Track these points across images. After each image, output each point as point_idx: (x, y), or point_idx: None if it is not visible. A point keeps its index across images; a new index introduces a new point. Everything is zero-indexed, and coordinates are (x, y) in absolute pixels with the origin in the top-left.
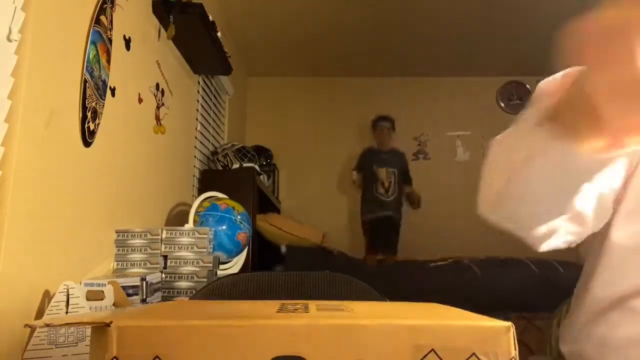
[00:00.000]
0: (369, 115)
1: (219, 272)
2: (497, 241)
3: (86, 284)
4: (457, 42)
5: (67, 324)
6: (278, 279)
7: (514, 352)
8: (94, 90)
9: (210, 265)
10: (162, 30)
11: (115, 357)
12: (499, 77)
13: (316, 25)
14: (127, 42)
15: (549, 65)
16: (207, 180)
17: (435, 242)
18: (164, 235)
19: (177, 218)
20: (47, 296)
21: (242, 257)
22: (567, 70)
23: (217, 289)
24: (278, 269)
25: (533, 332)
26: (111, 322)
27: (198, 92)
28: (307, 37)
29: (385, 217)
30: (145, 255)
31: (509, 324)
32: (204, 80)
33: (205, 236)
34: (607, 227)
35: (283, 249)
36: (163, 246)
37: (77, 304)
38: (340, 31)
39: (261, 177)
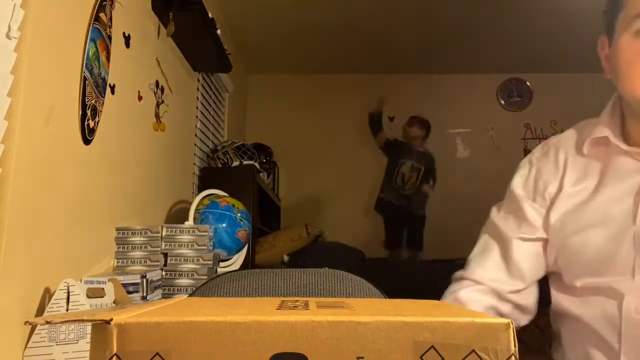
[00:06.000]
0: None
1: (219, 270)
2: None
3: (86, 282)
4: (457, 40)
5: (67, 321)
6: (277, 276)
7: (514, 348)
8: (94, 88)
9: (211, 262)
10: (162, 27)
11: (115, 354)
12: (499, 74)
13: (316, 22)
14: (127, 40)
15: (548, 63)
16: (207, 177)
17: (436, 241)
18: (164, 233)
19: (177, 215)
20: (48, 293)
21: (242, 254)
22: None
23: (216, 286)
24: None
25: (534, 331)
26: (111, 319)
27: (198, 89)
28: (307, 34)
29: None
30: (145, 253)
31: (508, 320)
32: (203, 77)
33: (205, 234)
34: None
35: (285, 258)
36: (163, 244)
37: (78, 301)
38: (340, 28)
39: (261, 174)
